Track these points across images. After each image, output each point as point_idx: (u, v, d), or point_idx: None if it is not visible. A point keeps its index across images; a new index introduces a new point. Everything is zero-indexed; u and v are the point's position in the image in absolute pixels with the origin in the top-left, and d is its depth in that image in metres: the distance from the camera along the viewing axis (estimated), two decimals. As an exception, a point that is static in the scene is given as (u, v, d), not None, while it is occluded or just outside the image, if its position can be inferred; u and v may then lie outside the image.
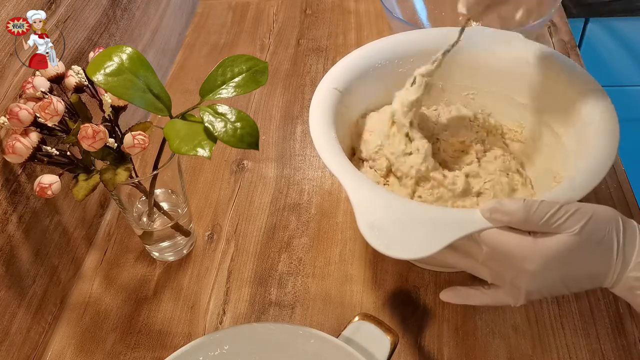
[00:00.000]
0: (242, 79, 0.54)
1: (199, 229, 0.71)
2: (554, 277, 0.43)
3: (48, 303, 0.62)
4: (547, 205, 0.42)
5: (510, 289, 0.46)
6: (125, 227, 0.72)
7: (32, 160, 0.52)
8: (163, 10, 0.94)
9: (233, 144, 0.51)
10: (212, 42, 1.00)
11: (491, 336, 0.58)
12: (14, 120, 0.50)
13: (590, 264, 0.43)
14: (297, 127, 0.83)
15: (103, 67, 0.49)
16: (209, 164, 0.79)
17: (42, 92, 0.53)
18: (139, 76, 0.50)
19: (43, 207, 0.61)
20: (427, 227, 0.44)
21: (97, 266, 0.69)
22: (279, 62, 0.95)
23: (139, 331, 0.62)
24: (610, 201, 0.68)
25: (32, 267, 0.59)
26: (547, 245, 0.42)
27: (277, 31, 1.02)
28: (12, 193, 0.56)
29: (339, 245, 0.68)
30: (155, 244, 0.67)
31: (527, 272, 0.43)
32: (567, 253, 0.42)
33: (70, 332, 0.63)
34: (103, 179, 0.52)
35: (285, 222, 0.71)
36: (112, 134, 0.53)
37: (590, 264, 0.43)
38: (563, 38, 0.93)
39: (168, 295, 0.65)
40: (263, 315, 0.62)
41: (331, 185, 0.75)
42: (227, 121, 0.51)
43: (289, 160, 0.78)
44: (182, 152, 0.49)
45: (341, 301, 0.62)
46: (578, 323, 0.58)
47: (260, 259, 0.67)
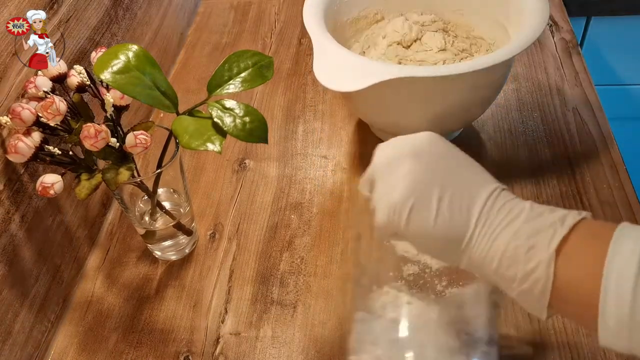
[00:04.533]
0: (249, 74, 0.54)
1: (201, 228, 0.71)
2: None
3: (51, 302, 0.62)
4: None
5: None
6: (127, 227, 0.72)
7: (35, 159, 0.52)
8: (165, 10, 0.94)
9: (243, 138, 0.51)
10: (214, 42, 1.00)
11: (493, 335, 0.58)
12: (16, 120, 0.50)
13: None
14: (299, 126, 0.83)
15: (110, 65, 0.49)
16: (210, 163, 0.79)
17: (44, 92, 0.53)
18: (145, 73, 0.50)
19: (45, 206, 0.61)
20: (356, 72, 0.60)
21: (100, 265, 0.69)
22: (281, 61, 0.95)
23: (142, 330, 0.62)
24: (611, 200, 0.68)
25: (35, 266, 0.59)
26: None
27: (278, 30, 1.02)
28: (14, 192, 0.56)
29: (340, 244, 0.68)
30: (157, 243, 0.67)
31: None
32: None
33: (73, 331, 0.63)
34: (105, 178, 0.53)
35: (287, 221, 0.71)
36: (114, 134, 0.53)
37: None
38: (565, 37, 0.93)
39: (170, 294, 0.65)
40: (265, 314, 0.62)
41: (333, 185, 0.75)
42: (236, 116, 0.52)
43: (291, 160, 0.79)
44: (192, 148, 0.49)
45: (343, 300, 0.62)
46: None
47: (262, 258, 0.67)
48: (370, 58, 0.76)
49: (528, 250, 0.37)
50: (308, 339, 0.59)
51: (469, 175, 0.42)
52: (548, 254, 0.36)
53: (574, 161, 0.73)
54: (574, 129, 0.78)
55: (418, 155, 0.42)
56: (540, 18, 0.64)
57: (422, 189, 0.41)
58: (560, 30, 0.94)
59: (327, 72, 0.61)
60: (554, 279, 0.36)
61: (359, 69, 0.61)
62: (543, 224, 0.37)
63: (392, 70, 0.61)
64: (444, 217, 0.40)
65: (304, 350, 0.59)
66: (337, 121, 0.83)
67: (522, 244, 0.37)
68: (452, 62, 0.74)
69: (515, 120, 0.80)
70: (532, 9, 0.66)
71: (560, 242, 0.36)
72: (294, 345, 0.59)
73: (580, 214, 0.38)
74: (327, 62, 0.62)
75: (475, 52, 0.77)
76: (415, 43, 0.76)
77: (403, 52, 0.75)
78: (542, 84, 0.85)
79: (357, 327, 0.50)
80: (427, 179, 0.41)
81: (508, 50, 0.61)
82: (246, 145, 0.81)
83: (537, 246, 0.37)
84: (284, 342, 0.59)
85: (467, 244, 0.40)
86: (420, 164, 0.42)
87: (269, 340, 0.60)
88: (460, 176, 0.42)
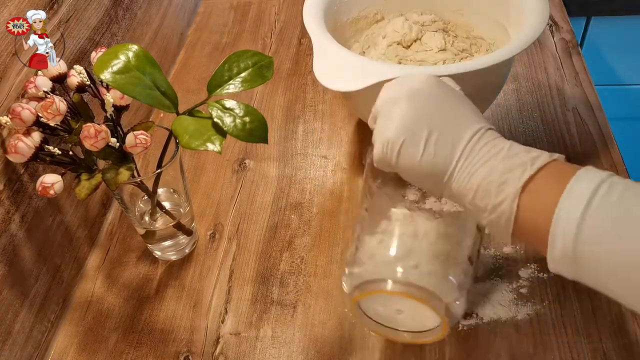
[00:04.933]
0: (249, 73, 0.54)
1: (201, 228, 0.71)
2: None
3: (51, 302, 0.62)
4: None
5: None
6: (127, 227, 0.72)
7: (35, 159, 0.52)
8: (165, 10, 0.94)
9: (243, 138, 0.51)
10: (214, 42, 1.00)
11: (492, 335, 0.58)
12: (16, 120, 0.50)
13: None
14: (299, 126, 0.83)
15: (110, 65, 0.49)
16: (210, 163, 0.79)
17: (44, 92, 0.53)
18: (145, 73, 0.50)
19: (45, 206, 0.61)
20: (356, 72, 0.60)
21: (100, 265, 0.69)
22: (281, 61, 0.95)
23: (142, 330, 0.62)
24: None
25: (35, 266, 0.59)
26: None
27: (278, 30, 1.02)
28: (14, 192, 0.56)
29: (340, 244, 0.68)
30: (157, 243, 0.67)
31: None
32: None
33: (73, 331, 0.63)
34: (105, 178, 0.53)
35: (287, 221, 0.71)
36: (114, 134, 0.53)
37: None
38: (565, 37, 0.93)
39: (170, 294, 0.65)
40: (265, 314, 0.62)
41: (333, 185, 0.75)
42: (236, 116, 0.52)
43: (291, 160, 0.79)
44: (192, 148, 0.49)
45: (343, 300, 0.62)
46: (580, 322, 0.58)
47: (262, 258, 0.67)
48: (370, 58, 0.76)
49: (499, 185, 0.41)
50: (308, 339, 0.59)
51: (458, 115, 0.46)
52: (514, 190, 0.40)
53: (574, 161, 0.72)
54: (574, 129, 0.78)
55: (414, 96, 0.46)
56: (540, 18, 0.64)
57: (413, 128, 0.45)
58: (560, 30, 0.94)
59: (327, 72, 0.61)
60: (517, 212, 0.40)
61: (359, 69, 0.61)
62: (516, 163, 0.41)
63: (392, 71, 0.61)
64: (430, 153, 0.44)
65: (304, 350, 0.59)
66: (337, 121, 0.83)
67: (495, 179, 0.41)
68: (452, 62, 0.74)
69: (515, 120, 0.80)
70: (532, 9, 0.66)
71: (527, 180, 0.40)
72: (294, 345, 0.59)
73: (552, 156, 0.41)
74: (327, 62, 0.62)
75: (475, 52, 0.77)
76: (415, 43, 0.77)
77: (403, 52, 0.75)
78: (542, 84, 0.85)
79: (355, 243, 0.52)
80: (419, 119, 0.45)
81: (508, 50, 0.61)
82: (246, 145, 0.81)
83: (507, 182, 0.41)
84: (284, 342, 0.59)
85: (449, 178, 0.44)
86: (415, 104, 0.46)
87: (269, 340, 0.60)
88: (449, 117, 0.45)
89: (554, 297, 0.60)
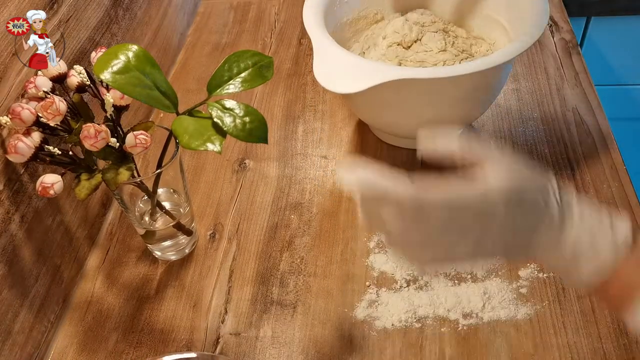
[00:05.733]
0: (249, 74, 0.54)
1: (201, 228, 0.71)
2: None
3: (50, 302, 0.62)
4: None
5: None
6: (127, 227, 0.72)
7: (35, 159, 0.52)
8: (164, 10, 0.94)
9: (243, 138, 0.51)
10: (214, 42, 1.00)
11: (493, 335, 0.58)
12: (16, 120, 0.50)
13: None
14: (299, 126, 0.83)
15: (110, 65, 0.49)
16: (210, 163, 0.79)
17: (44, 92, 0.53)
18: (145, 74, 0.50)
19: (45, 206, 0.61)
20: (356, 74, 0.60)
21: (100, 265, 0.69)
22: (281, 61, 0.95)
23: (141, 330, 0.62)
24: (612, 200, 0.68)
25: (35, 266, 0.59)
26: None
27: (278, 31, 1.02)
28: (14, 193, 0.56)
29: (340, 244, 0.68)
30: (157, 243, 0.67)
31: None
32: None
33: (73, 331, 0.63)
34: (105, 178, 0.53)
35: (287, 221, 0.71)
36: (114, 134, 0.53)
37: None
38: (564, 37, 0.93)
39: (170, 294, 0.65)
40: (265, 314, 0.62)
41: (333, 185, 0.75)
42: (236, 116, 0.52)
43: (291, 160, 0.79)
44: (192, 148, 0.49)
45: (343, 300, 0.62)
46: (580, 322, 0.58)
47: (262, 258, 0.67)
48: (370, 59, 0.76)
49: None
50: (308, 339, 0.59)
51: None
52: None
53: (574, 161, 0.74)
54: (574, 129, 0.78)
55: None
56: (541, 19, 0.64)
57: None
58: (560, 30, 0.94)
59: (327, 74, 0.61)
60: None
61: (359, 71, 0.61)
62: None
63: (392, 72, 0.61)
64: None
65: (304, 350, 0.59)
66: (337, 121, 0.83)
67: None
68: (452, 63, 0.74)
69: (515, 120, 0.80)
70: (532, 9, 0.66)
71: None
72: (294, 345, 0.59)
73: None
74: (327, 64, 0.62)
75: (476, 53, 0.77)
76: (415, 44, 0.76)
77: (403, 52, 0.75)
78: (542, 84, 0.85)
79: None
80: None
81: (508, 51, 0.61)
82: (246, 145, 0.81)
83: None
84: (284, 342, 0.59)
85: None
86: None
87: (269, 340, 0.60)
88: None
89: (554, 297, 0.60)
